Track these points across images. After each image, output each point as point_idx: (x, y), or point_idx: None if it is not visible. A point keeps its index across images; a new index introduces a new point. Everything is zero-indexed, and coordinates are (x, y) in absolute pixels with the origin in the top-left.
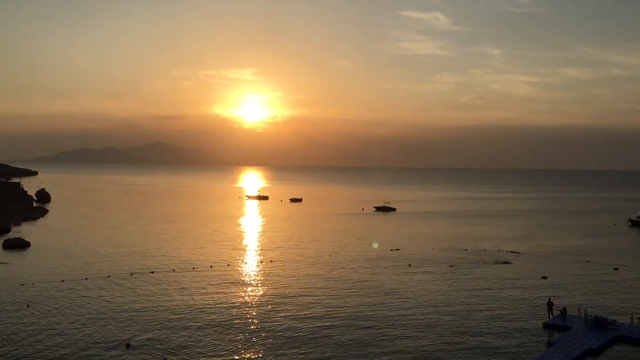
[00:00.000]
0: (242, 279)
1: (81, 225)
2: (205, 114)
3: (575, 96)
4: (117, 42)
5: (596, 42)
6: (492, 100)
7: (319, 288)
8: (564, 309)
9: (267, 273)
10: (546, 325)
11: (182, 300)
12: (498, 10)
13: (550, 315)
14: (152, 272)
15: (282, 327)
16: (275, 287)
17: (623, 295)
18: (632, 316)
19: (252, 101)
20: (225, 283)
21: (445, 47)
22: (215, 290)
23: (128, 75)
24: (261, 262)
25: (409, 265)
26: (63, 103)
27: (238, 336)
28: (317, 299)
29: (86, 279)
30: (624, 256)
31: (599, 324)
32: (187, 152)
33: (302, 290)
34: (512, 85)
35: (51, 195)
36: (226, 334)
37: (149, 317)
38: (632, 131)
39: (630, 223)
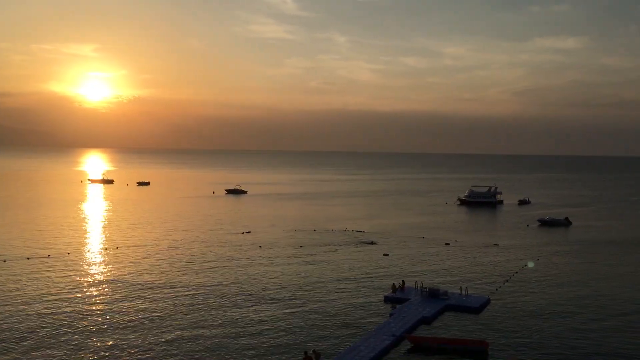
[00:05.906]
0: (84, 267)
1: None
2: (40, 92)
3: (414, 84)
4: None
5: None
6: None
7: (165, 273)
8: (403, 282)
9: (112, 261)
10: (387, 299)
11: (14, 293)
12: None
13: (392, 289)
14: None
15: (127, 318)
16: (120, 274)
17: (453, 268)
18: (460, 286)
19: (94, 79)
20: (65, 273)
21: (293, 31)
22: (54, 282)
23: None
24: (106, 249)
25: (260, 247)
26: None
27: (80, 328)
28: (164, 286)
29: None
30: (453, 232)
31: (433, 294)
32: (20, 133)
33: (149, 277)
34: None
35: None
36: (66, 327)
37: None
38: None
39: (459, 202)
